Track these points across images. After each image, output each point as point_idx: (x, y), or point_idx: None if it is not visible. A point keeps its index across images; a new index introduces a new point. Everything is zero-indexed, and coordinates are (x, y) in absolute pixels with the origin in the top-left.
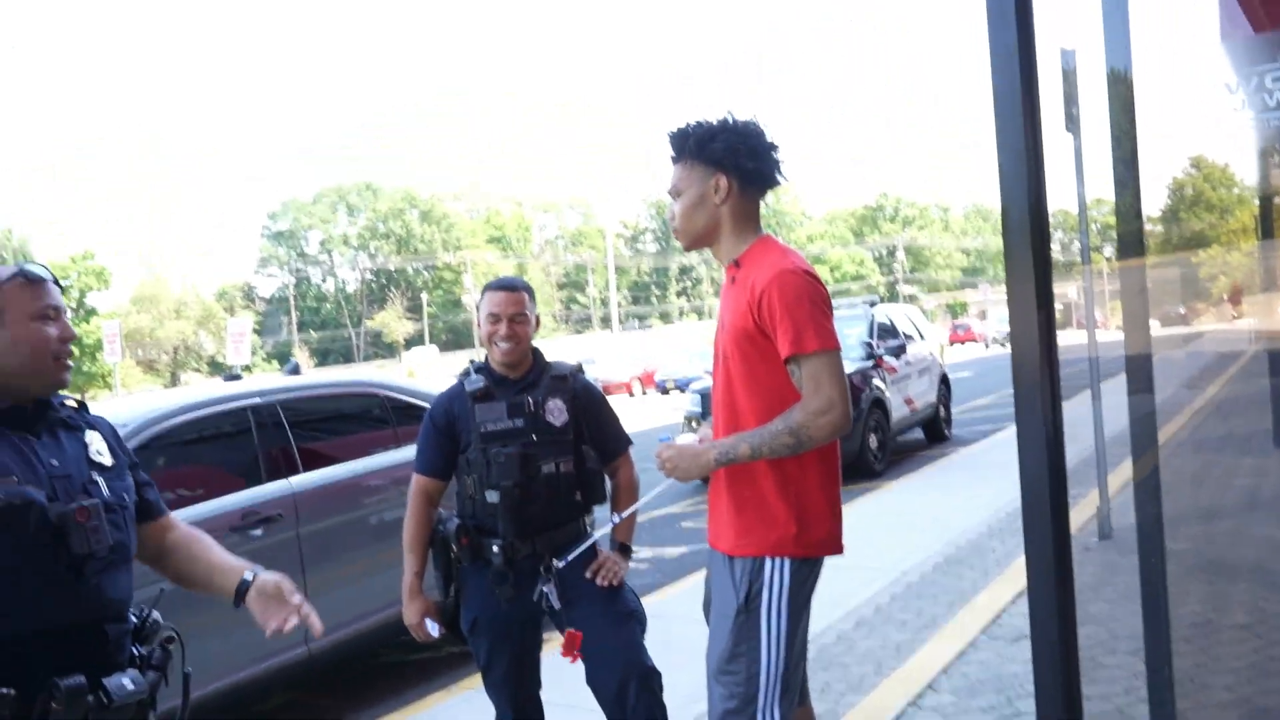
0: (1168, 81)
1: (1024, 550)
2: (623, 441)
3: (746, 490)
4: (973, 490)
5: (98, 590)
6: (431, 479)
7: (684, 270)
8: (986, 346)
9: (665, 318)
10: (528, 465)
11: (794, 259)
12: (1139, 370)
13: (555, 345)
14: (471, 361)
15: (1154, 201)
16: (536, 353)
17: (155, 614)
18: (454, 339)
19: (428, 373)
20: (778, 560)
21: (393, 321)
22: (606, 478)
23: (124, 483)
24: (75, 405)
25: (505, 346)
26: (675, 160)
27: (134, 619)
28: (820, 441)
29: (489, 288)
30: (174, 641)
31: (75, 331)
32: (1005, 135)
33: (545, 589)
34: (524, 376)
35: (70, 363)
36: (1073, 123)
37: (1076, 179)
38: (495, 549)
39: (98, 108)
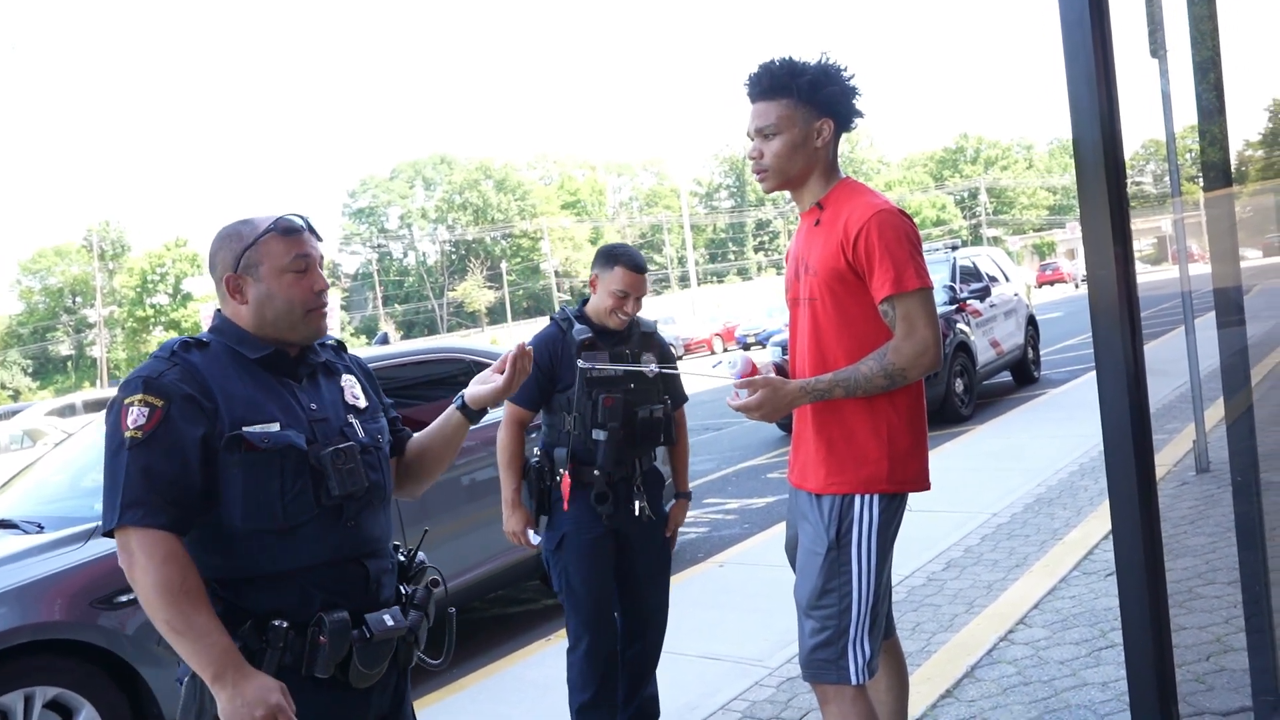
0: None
1: (1107, 485)
2: (683, 396)
3: (835, 429)
4: (1062, 430)
5: (357, 529)
6: (525, 410)
7: (760, 225)
8: (1076, 286)
9: (743, 273)
10: (629, 410)
11: (884, 199)
12: (1228, 303)
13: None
14: (564, 307)
15: (1253, 124)
16: None
17: (421, 554)
18: (534, 305)
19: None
20: (868, 497)
21: (474, 291)
22: None
23: (378, 424)
24: (334, 347)
25: (623, 318)
26: (768, 97)
27: (401, 557)
28: (912, 381)
29: (621, 263)
30: (439, 584)
31: (327, 282)
32: (1074, 62)
33: (641, 504)
34: (619, 330)
35: (325, 312)
36: (1159, 47)
37: (1163, 106)
38: (596, 473)
39: (183, 96)
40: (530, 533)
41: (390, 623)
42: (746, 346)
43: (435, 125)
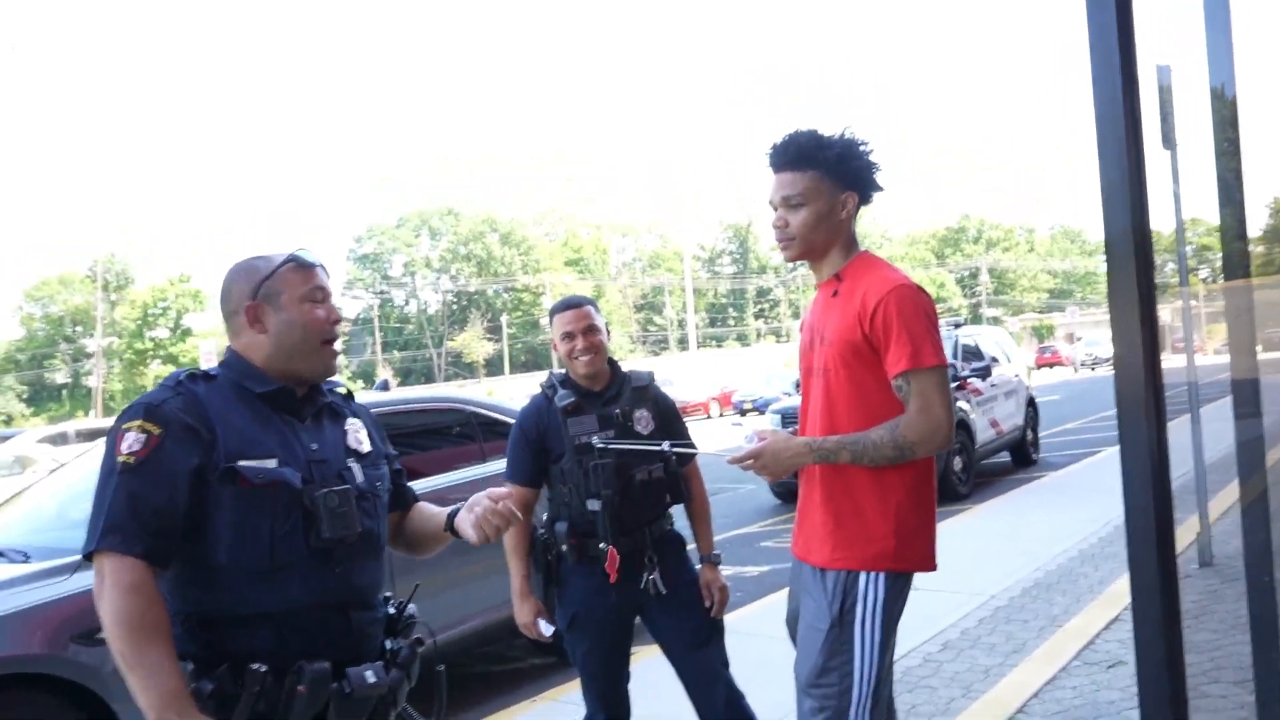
0: (1266, 97)
1: (1129, 575)
2: (693, 447)
3: (844, 503)
4: (1062, 514)
5: (345, 576)
6: (526, 488)
7: (761, 292)
8: (1075, 370)
9: (742, 339)
10: (623, 474)
11: (903, 274)
12: (1245, 393)
13: (633, 366)
14: (551, 373)
15: (1254, 221)
16: (614, 364)
17: (412, 608)
18: (532, 359)
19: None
20: (873, 574)
21: (473, 342)
22: None
23: (379, 471)
24: (344, 393)
25: (586, 359)
26: (794, 168)
27: (390, 610)
28: (921, 457)
29: (554, 311)
30: (423, 644)
31: (341, 314)
32: (1107, 153)
33: (651, 577)
34: (607, 388)
35: (338, 347)
36: (1169, 140)
37: (1174, 198)
38: (601, 546)
39: (189, 133)
40: (542, 623)
41: (371, 679)
42: (744, 412)
43: (444, 177)
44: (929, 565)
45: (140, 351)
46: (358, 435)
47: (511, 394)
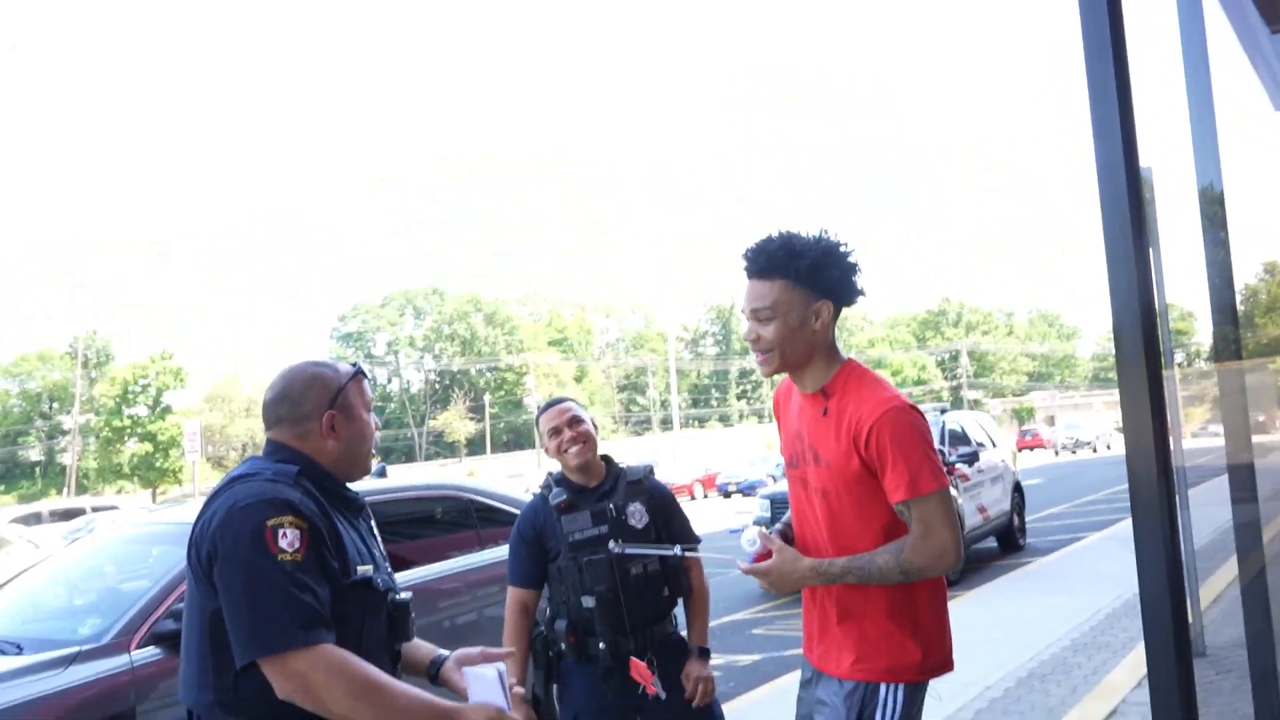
0: (1237, 192)
1: (1146, 667)
2: (694, 539)
3: (862, 614)
4: (1053, 601)
5: (399, 675)
6: (526, 590)
7: (744, 373)
8: (1056, 453)
9: (725, 420)
10: (617, 569)
11: (893, 391)
12: (1241, 476)
13: (616, 446)
14: (550, 474)
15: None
16: (609, 460)
17: None
18: (514, 439)
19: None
20: (893, 686)
21: (455, 422)
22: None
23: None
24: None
25: (575, 449)
26: (765, 277)
27: None
28: (930, 577)
29: (539, 413)
30: None
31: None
32: (1114, 248)
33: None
34: (601, 484)
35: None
36: (1152, 235)
37: (1156, 288)
38: (601, 646)
39: (175, 207)
40: None
41: None
42: (728, 494)
43: (430, 257)
44: (947, 669)
45: (118, 429)
46: (378, 540)
47: (493, 474)
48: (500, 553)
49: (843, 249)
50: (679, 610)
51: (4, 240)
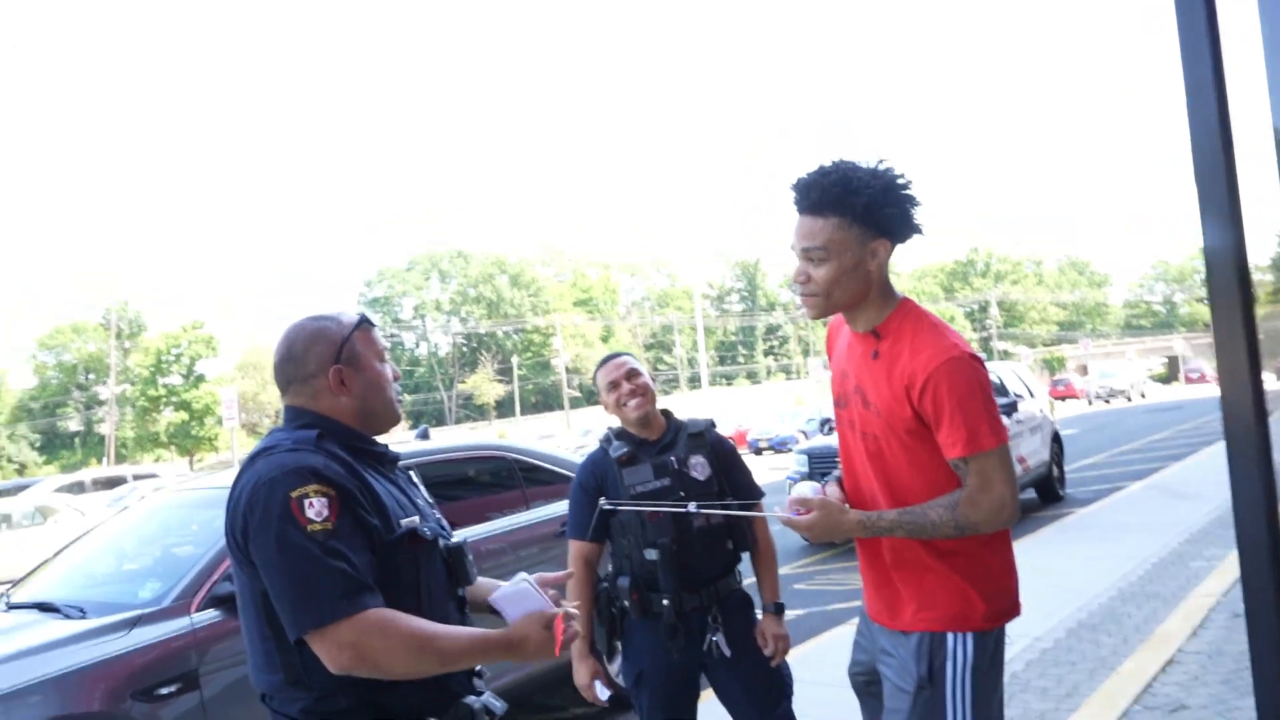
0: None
1: (1245, 621)
2: (757, 492)
3: (921, 563)
4: (1098, 551)
5: (468, 618)
6: (589, 543)
7: (771, 329)
8: (1089, 403)
9: (752, 377)
10: (680, 521)
11: (953, 338)
12: None
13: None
14: (610, 428)
15: (1264, 249)
16: (668, 414)
17: None
18: (543, 401)
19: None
20: (961, 635)
21: (483, 384)
22: None
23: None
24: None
25: (634, 403)
26: (818, 214)
27: None
28: (985, 533)
29: (597, 369)
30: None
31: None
32: (1208, 197)
33: (715, 638)
34: (661, 437)
35: (401, 399)
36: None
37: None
38: (665, 603)
39: (208, 178)
40: (599, 685)
41: (499, 706)
42: (759, 451)
43: (454, 221)
44: (1015, 614)
45: (153, 398)
46: (422, 489)
47: (523, 436)
48: (546, 511)
49: (901, 182)
50: (745, 565)
51: (30, 221)
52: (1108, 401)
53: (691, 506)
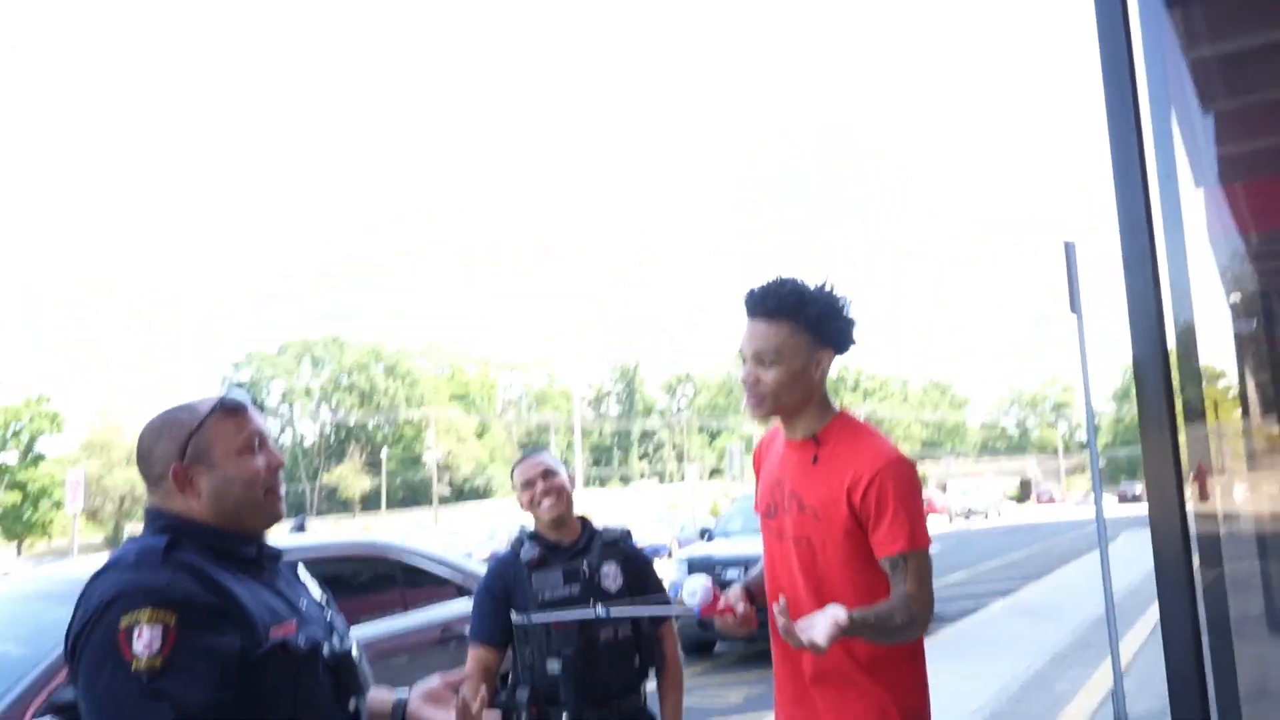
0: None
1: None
2: (685, 611)
3: (845, 676)
4: (969, 669)
5: None
6: (489, 649)
7: (645, 434)
8: (950, 520)
9: (626, 480)
10: (586, 632)
11: (890, 442)
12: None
13: (512, 506)
14: (522, 528)
15: (1109, 385)
16: (584, 520)
17: None
18: (411, 495)
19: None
20: None
21: (350, 476)
22: None
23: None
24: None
25: (548, 503)
26: (771, 320)
27: None
28: (916, 636)
29: (514, 465)
30: None
31: (283, 458)
32: (1138, 329)
33: None
34: (575, 542)
35: (282, 492)
36: (1075, 306)
37: (1080, 354)
38: (565, 717)
39: (53, 251)
40: None
41: None
42: None
43: (331, 306)
44: None
45: None
46: (313, 585)
47: (387, 532)
48: (427, 615)
49: (843, 301)
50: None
51: None
52: (967, 519)
53: (598, 612)
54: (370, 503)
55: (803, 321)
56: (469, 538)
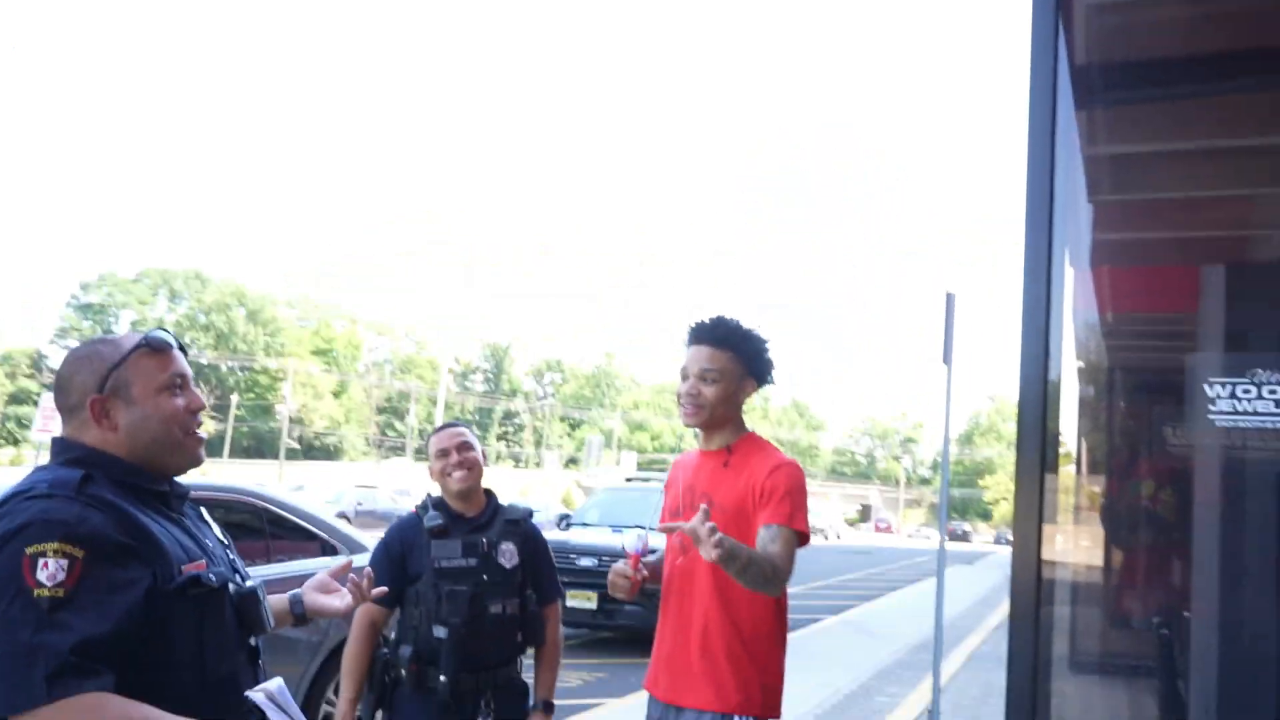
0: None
1: None
2: (557, 591)
3: (729, 651)
4: (795, 679)
5: (264, 668)
6: (378, 607)
7: (508, 415)
8: (825, 538)
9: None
10: (476, 604)
11: (788, 456)
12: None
13: (363, 470)
14: (429, 495)
15: (955, 429)
16: (490, 494)
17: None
18: (255, 446)
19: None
20: (745, 719)
21: None
22: None
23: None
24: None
25: (459, 474)
26: (717, 346)
27: None
28: (769, 592)
29: (432, 434)
30: None
31: (205, 401)
32: (1028, 370)
33: None
34: (479, 516)
35: (202, 434)
36: (947, 357)
37: (946, 399)
38: (442, 679)
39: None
40: None
41: None
42: None
43: (195, 235)
44: (778, 713)
45: None
46: (217, 527)
47: (233, 480)
48: (289, 568)
49: (769, 343)
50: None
51: None
52: (826, 538)
53: (634, 542)
54: (213, 449)
55: (741, 354)
56: (314, 496)
